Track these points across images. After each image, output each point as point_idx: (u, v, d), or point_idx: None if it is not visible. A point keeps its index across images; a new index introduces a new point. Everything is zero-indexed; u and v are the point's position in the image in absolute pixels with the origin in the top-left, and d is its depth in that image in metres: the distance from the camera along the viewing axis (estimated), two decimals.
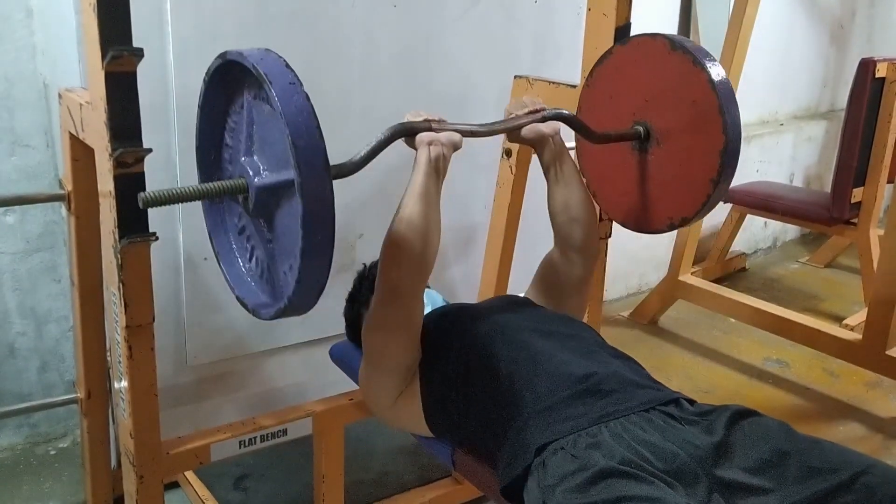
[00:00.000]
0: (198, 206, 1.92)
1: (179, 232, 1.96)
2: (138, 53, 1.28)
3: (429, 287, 1.85)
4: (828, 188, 3.38)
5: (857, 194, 3.24)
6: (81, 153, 1.58)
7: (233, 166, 1.32)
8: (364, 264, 1.91)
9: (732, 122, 1.48)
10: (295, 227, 1.11)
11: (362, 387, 1.56)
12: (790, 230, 4.59)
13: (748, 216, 3.79)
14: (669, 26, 3.66)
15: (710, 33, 3.73)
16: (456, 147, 1.44)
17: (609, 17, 1.89)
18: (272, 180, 1.20)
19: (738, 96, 3.17)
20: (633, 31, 1.89)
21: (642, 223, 1.71)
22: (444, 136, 1.42)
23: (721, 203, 3.64)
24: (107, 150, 1.33)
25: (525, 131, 1.56)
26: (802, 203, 3.46)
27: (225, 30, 1.88)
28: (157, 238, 1.39)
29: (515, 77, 2.20)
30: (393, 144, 2.18)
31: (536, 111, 1.57)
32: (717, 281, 3.83)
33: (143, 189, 1.37)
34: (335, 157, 2.15)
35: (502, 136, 2.27)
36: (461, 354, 1.42)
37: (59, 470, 2.20)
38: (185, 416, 2.12)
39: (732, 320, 3.27)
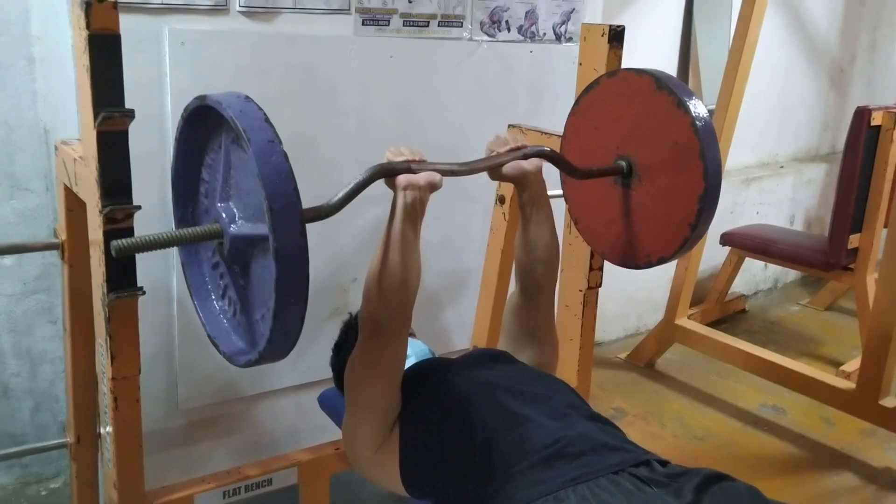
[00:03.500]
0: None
1: (174, 276, 1.98)
2: (129, 114, 1.31)
3: (414, 336, 1.87)
4: (828, 231, 3.39)
5: (854, 240, 3.25)
6: (75, 204, 1.61)
7: (209, 201, 1.32)
8: (350, 313, 1.93)
9: (713, 168, 1.48)
10: (269, 282, 1.11)
11: (344, 437, 1.56)
12: (791, 272, 4.58)
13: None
14: (668, 66, 3.70)
15: (710, 73, 3.76)
16: (434, 188, 1.41)
17: (599, 71, 1.92)
18: (247, 231, 1.20)
19: (737, 138, 3.23)
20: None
21: (622, 257, 1.70)
22: (422, 177, 1.39)
23: (719, 245, 3.69)
24: (97, 205, 1.35)
25: (507, 168, 1.54)
26: (800, 248, 3.47)
27: (222, 80, 1.91)
28: (144, 293, 1.41)
29: (509, 126, 2.24)
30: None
31: (517, 148, 1.56)
32: (717, 323, 3.84)
33: None
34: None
35: (493, 183, 2.31)
36: (435, 417, 1.43)
37: None
38: (176, 460, 2.12)
39: (730, 364, 3.26)
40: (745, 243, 3.65)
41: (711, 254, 3.74)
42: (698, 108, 1.50)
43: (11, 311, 2.20)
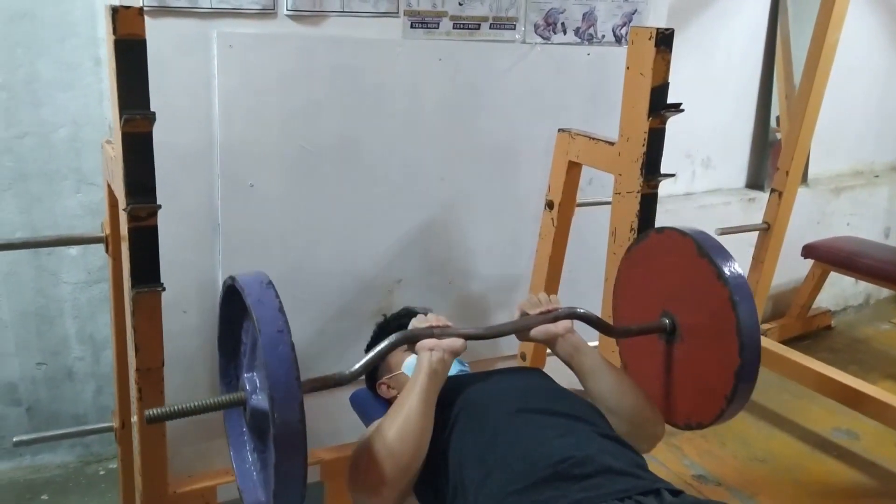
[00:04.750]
0: (238, 247, 2.03)
1: (219, 270, 2.04)
2: (150, 117, 1.35)
3: None
4: None
5: None
6: (116, 201, 1.68)
7: (245, 360, 1.39)
8: (384, 315, 1.94)
9: (749, 345, 1.44)
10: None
11: None
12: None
13: None
14: (752, 69, 3.55)
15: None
16: (456, 353, 1.47)
17: (646, 76, 1.86)
18: (262, 406, 1.25)
19: (828, 145, 3.03)
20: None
21: (664, 413, 1.67)
22: (445, 342, 1.46)
23: (801, 258, 3.51)
24: (123, 203, 1.41)
25: (534, 332, 1.56)
26: (887, 263, 3.26)
27: (269, 83, 1.96)
28: (164, 289, 1.45)
29: (559, 130, 2.20)
30: (468, 171, 2.08)
31: (548, 311, 1.57)
32: (799, 339, 3.66)
33: (157, 241, 1.44)
34: (377, 210, 2.20)
35: (545, 182, 2.28)
36: (443, 436, 1.43)
37: (104, 491, 2.33)
38: (220, 449, 2.19)
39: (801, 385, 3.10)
40: (828, 256, 3.47)
41: (795, 265, 3.57)
42: (738, 280, 1.48)
43: (76, 299, 2.33)
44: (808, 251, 3.51)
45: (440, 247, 2.33)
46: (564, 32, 2.32)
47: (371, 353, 1.42)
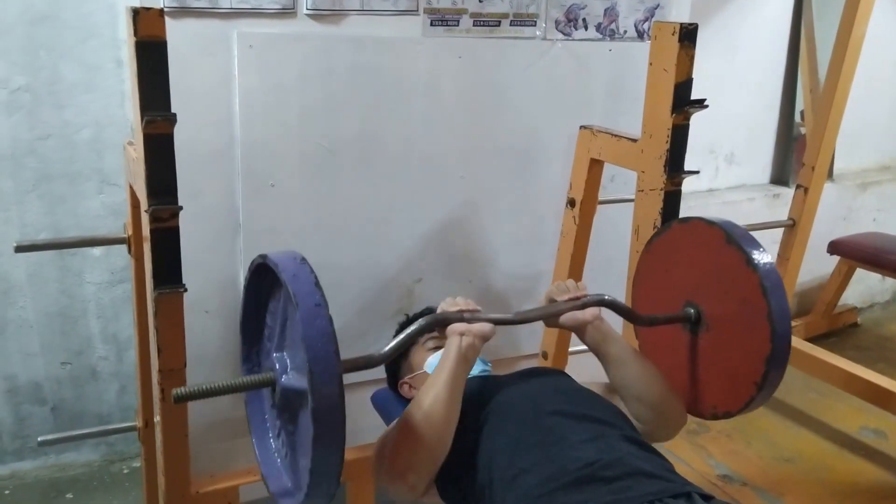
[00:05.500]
0: (259, 246, 2.02)
1: (240, 269, 2.04)
2: (172, 119, 1.35)
3: None
4: None
5: None
6: (139, 202, 1.69)
7: (270, 344, 1.38)
8: (406, 315, 1.94)
9: (781, 332, 1.42)
10: (310, 437, 1.15)
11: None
12: None
13: None
14: (776, 64, 3.50)
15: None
16: (486, 338, 1.45)
17: (669, 72, 1.84)
18: (295, 384, 1.24)
19: (854, 139, 2.99)
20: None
21: (688, 404, 1.65)
22: (476, 326, 1.44)
23: (827, 254, 3.46)
24: (145, 205, 1.41)
25: (563, 319, 1.55)
26: None
27: (289, 81, 1.96)
28: (186, 290, 1.45)
29: (581, 127, 2.18)
30: (488, 169, 2.14)
31: (576, 298, 1.56)
32: (825, 336, 3.62)
33: (178, 242, 1.44)
34: (397, 208, 2.19)
35: (567, 180, 2.26)
36: (471, 436, 1.42)
37: (128, 489, 2.34)
38: (243, 449, 2.19)
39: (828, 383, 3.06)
40: (855, 253, 3.41)
41: (821, 262, 3.52)
42: (768, 267, 1.46)
43: (100, 299, 2.34)
44: (834, 247, 3.47)
45: (461, 245, 2.32)
46: (586, 28, 2.30)
47: (401, 336, 1.39)
